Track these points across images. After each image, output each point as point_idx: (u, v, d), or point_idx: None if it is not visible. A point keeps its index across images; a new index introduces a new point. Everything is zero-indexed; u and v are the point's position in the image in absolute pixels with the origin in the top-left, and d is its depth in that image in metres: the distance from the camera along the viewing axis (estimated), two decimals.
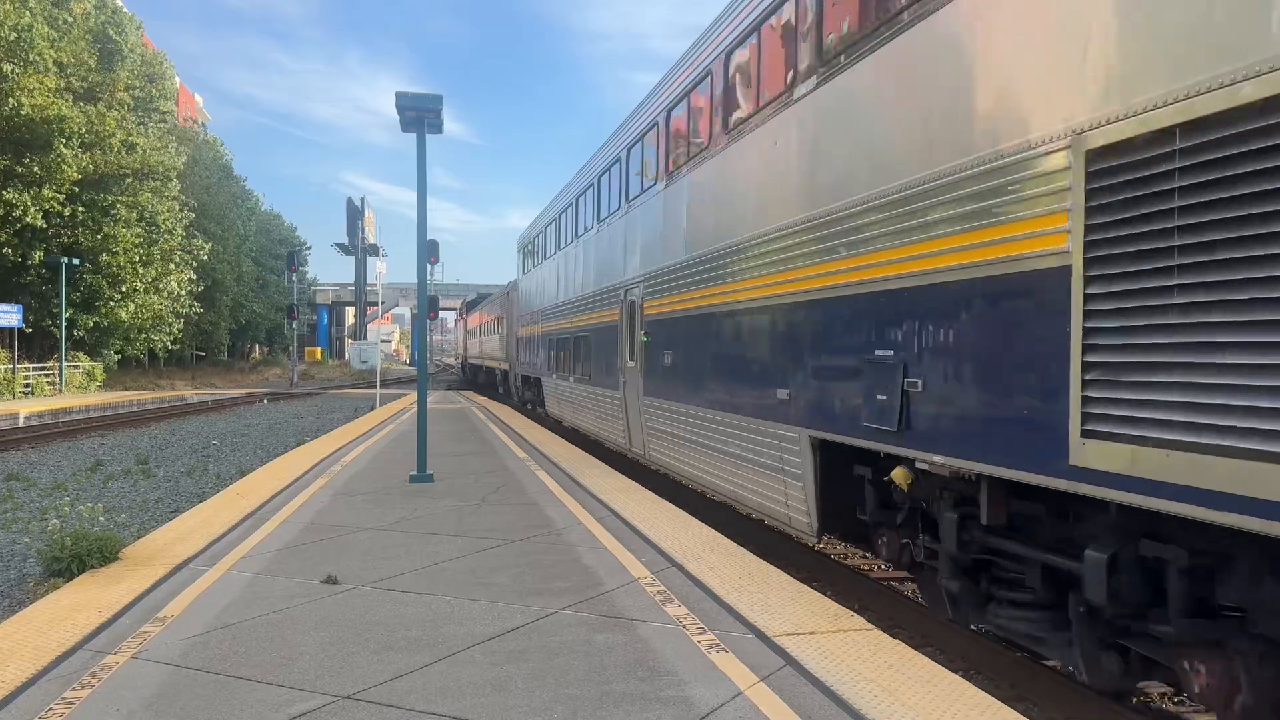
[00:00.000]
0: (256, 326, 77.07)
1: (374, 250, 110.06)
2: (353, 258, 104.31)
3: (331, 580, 6.57)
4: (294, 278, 64.62)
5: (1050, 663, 5.90)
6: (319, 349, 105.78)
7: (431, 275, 45.35)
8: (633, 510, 9.29)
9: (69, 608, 6.05)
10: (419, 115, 11.23)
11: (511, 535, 8.11)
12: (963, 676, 4.69)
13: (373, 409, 27.72)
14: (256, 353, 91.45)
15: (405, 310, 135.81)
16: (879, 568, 8.87)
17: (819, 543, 9.49)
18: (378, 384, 28.70)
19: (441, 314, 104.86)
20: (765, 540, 9.67)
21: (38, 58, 32.88)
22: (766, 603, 5.83)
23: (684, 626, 5.35)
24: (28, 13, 32.46)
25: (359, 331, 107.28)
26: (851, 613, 5.62)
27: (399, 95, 10.85)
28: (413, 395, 35.06)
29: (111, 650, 5.13)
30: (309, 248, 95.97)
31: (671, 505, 9.74)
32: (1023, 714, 4.14)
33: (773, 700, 4.20)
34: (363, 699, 4.33)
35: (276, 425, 24.84)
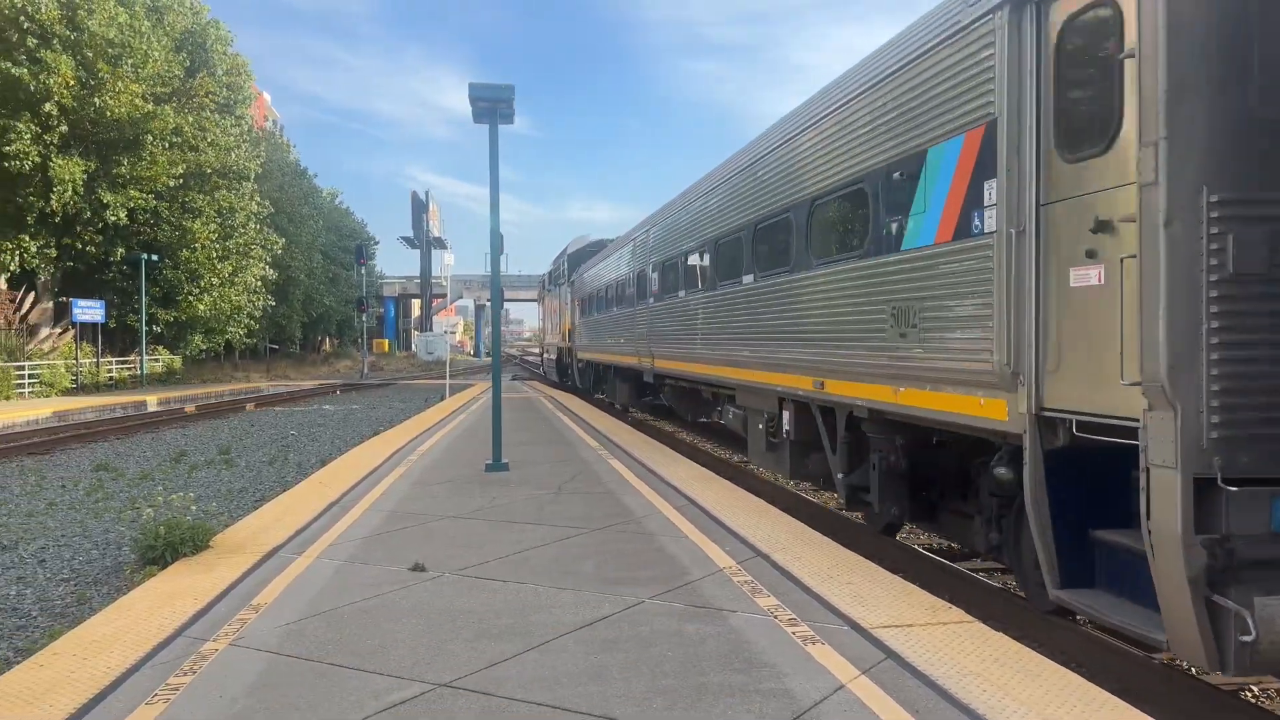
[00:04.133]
0: (327, 319, 78.61)
1: (439, 243, 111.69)
2: (417, 250, 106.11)
3: (419, 568, 6.61)
4: (363, 271, 65.86)
5: (1158, 658, 5.68)
6: (386, 341, 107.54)
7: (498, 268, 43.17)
8: (711, 499, 9.21)
9: (165, 595, 6.17)
10: (491, 105, 11.25)
11: (591, 524, 8.09)
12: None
13: (442, 399, 28.04)
14: (327, 345, 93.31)
15: (469, 302, 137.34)
16: (961, 556, 8.63)
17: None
18: (447, 375, 29.00)
19: (506, 304, 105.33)
20: (850, 532, 9.50)
21: (133, 66, 33.94)
22: (858, 594, 5.70)
23: (775, 617, 5.25)
24: (125, 14, 33.51)
25: (425, 324, 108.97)
26: (948, 604, 5.47)
27: (472, 86, 10.87)
28: (480, 386, 35.44)
29: (209, 637, 5.21)
30: (377, 242, 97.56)
31: (750, 494, 9.64)
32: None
33: (877, 694, 4.08)
34: (460, 687, 4.32)
35: (351, 416, 25.29)
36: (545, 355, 41.57)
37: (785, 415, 9.81)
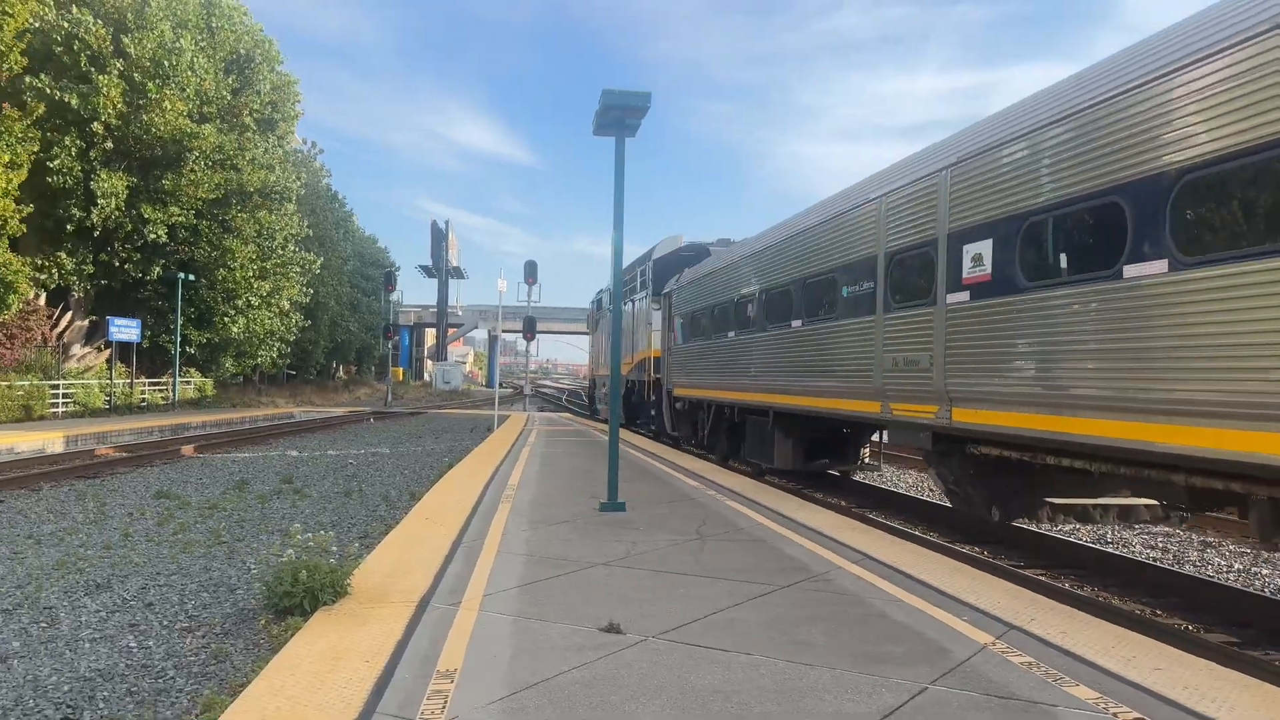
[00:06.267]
0: (348, 346, 77.85)
1: (457, 272, 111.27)
2: (431, 280, 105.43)
3: (614, 629, 5.64)
4: (389, 298, 65.22)
5: None
6: (400, 369, 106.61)
7: (529, 298, 41.49)
8: (885, 553, 8.22)
9: (327, 655, 5.22)
10: (620, 115, 10.41)
11: (770, 579, 7.11)
12: None
13: (490, 430, 27.10)
14: (343, 372, 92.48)
15: (482, 332, 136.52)
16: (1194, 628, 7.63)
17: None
18: (495, 406, 28.07)
19: (512, 335, 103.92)
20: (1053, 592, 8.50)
21: (179, 78, 33.61)
22: (1185, 681, 4.72)
23: (1115, 716, 4.27)
24: (169, 31, 33.18)
25: (440, 353, 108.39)
26: None
27: (606, 93, 10.01)
28: (519, 417, 34.51)
29: (414, 717, 4.26)
30: (398, 269, 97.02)
31: (918, 546, 8.66)
32: None
33: None
34: None
35: (401, 446, 24.34)
36: (600, 389, 33.75)
37: None
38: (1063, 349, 7.62)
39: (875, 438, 14.28)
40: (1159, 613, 8.14)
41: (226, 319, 39.50)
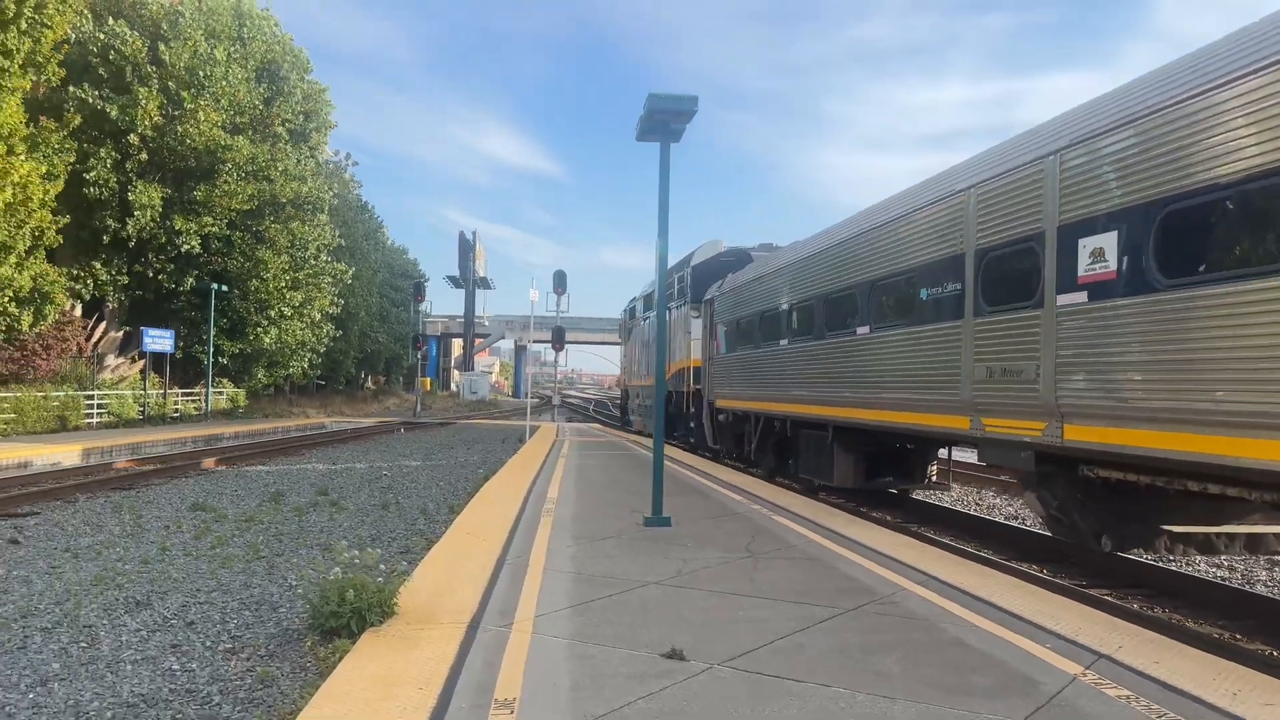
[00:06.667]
0: (377, 357, 78.09)
1: (484, 283, 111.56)
2: (455, 291, 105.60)
3: (676, 655, 5.36)
4: (418, 308, 65.34)
5: None
6: (428, 379, 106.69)
7: (558, 308, 41.07)
8: (947, 572, 7.88)
9: (379, 682, 4.98)
10: (664, 120, 10.16)
11: (833, 601, 6.80)
12: None
13: (521, 441, 26.90)
14: (371, 382, 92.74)
15: (508, 342, 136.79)
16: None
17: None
18: (528, 416, 27.88)
19: (541, 345, 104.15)
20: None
21: (214, 88, 33.89)
22: None
23: None
24: (203, 41, 33.46)
25: (467, 363, 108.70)
26: None
27: (651, 97, 9.76)
28: (549, 427, 34.31)
29: None
30: (427, 279, 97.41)
31: (986, 567, 8.31)
32: None
33: None
34: None
35: (433, 457, 24.19)
36: (634, 400, 32.59)
37: None
38: (1222, 356, 6.35)
39: (943, 453, 13.60)
40: (1239, 637, 7.75)
41: (259, 329, 39.63)
